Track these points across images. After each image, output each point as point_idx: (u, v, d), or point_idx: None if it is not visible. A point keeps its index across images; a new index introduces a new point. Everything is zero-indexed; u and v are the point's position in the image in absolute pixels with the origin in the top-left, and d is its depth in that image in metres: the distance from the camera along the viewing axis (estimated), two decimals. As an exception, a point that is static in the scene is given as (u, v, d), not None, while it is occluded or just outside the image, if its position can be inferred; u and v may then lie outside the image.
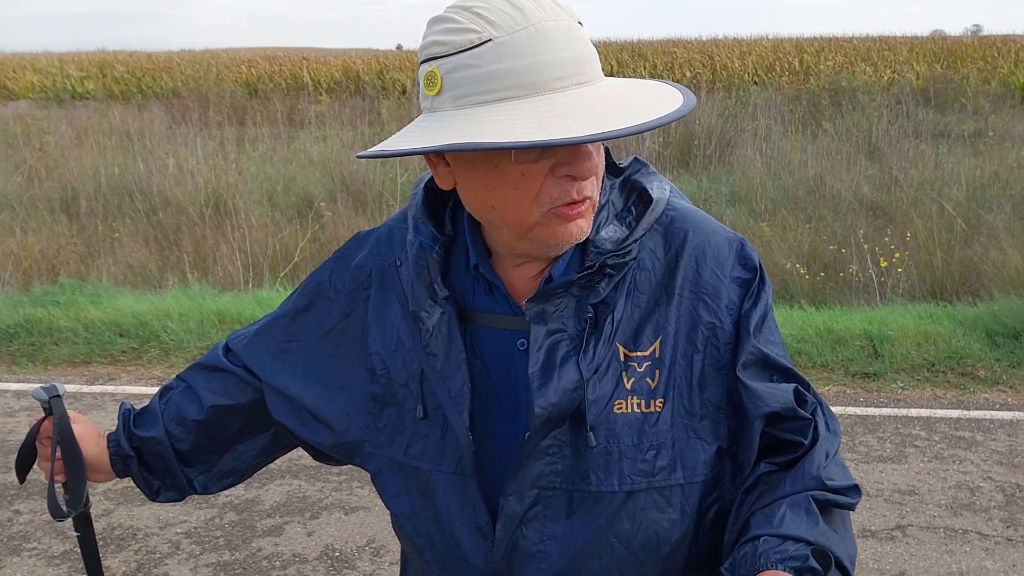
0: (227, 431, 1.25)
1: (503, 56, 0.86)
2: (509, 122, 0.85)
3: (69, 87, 21.32)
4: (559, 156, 0.91)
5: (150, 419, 1.25)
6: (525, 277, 1.03)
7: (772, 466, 1.00)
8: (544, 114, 0.85)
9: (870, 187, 8.34)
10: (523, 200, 0.92)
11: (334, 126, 11.90)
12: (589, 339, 0.97)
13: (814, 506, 0.95)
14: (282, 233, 7.40)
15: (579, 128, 0.83)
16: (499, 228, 0.98)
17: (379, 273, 1.12)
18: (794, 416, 1.00)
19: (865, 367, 5.01)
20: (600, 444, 0.97)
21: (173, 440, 1.24)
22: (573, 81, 0.88)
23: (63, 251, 7.43)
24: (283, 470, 3.97)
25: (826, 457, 0.99)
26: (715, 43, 22.13)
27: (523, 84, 0.86)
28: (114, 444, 1.25)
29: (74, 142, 11.27)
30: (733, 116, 11.06)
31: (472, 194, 0.97)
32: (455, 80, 0.89)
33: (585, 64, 0.89)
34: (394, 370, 1.08)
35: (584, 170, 0.91)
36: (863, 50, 19.76)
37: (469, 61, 0.87)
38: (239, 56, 25.74)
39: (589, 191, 0.94)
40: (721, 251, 1.03)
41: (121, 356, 5.51)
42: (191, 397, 1.24)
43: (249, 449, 1.27)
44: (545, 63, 0.86)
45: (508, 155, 0.90)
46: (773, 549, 0.91)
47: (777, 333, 1.05)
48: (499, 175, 0.92)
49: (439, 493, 1.05)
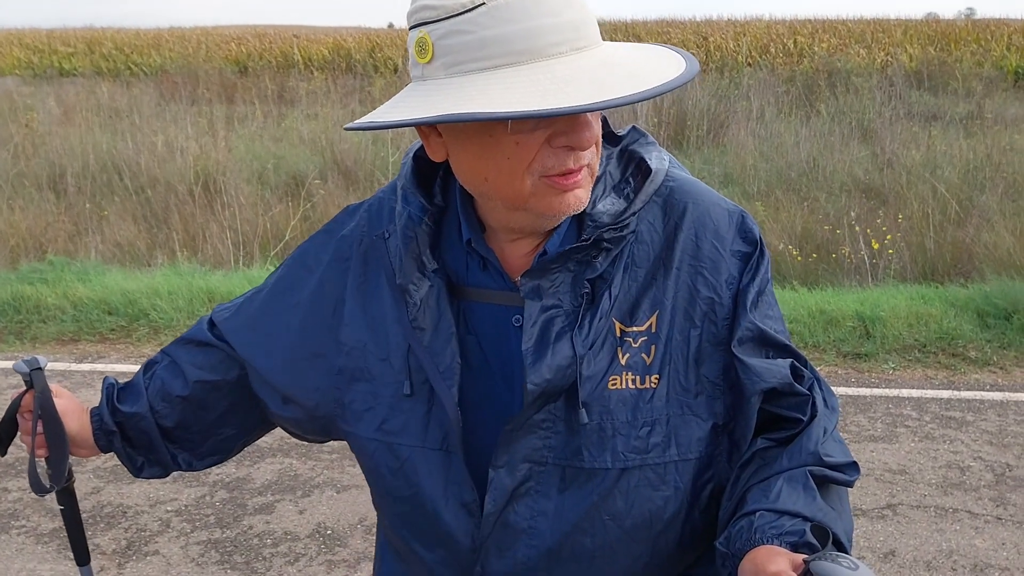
0: (213, 410, 1.21)
1: (497, 20, 0.82)
2: (506, 91, 0.81)
3: (56, 63, 21.09)
4: (557, 126, 0.87)
5: (134, 394, 1.22)
6: (520, 253, 1.00)
7: (769, 442, 0.98)
8: (542, 82, 0.81)
9: (863, 169, 8.33)
10: (516, 169, 0.88)
11: (325, 104, 11.80)
12: (585, 315, 0.95)
13: (811, 481, 0.93)
14: (272, 211, 7.36)
15: (579, 96, 0.80)
16: (493, 200, 0.95)
17: (364, 245, 1.08)
18: (792, 392, 0.98)
19: (857, 348, 5.02)
20: (594, 420, 0.95)
21: (157, 416, 1.20)
22: (571, 46, 0.84)
23: (51, 228, 7.36)
24: (274, 448, 3.95)
25: (824, 433, 0.97)
26: (709, 24, 22.00)
27: (519, 50, 0.83)
28: (97, 419, 1.22)
29: (61, 119, 11.16)
30: (727, 97, 11.02)
31: (465, 166, 0.93)
32: (447, 47, 0.85)
33: (582, 28, 0.86)
34: (372, 343, 1.04)
35: (583, 140, 0.87)
36: (857, 32, 19.70)
37: (462, 26, 0.84)
38: (228, 33, 25.46)
39: (587, 159, 0.91)
40: (721, 224, 1.01)
41: (110, 334, 5.47)
42: (175, 372, 1.21)
43: (235, 429, 1.24)
44: (541, 28, 0.83)
45: (504, 125, 0.86)
46: (769, 524, 0.89)
47: (776, 308, 1.03)
48: (493, 145, 0.88)
49: (422, 470, 1.01)
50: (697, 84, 11.15)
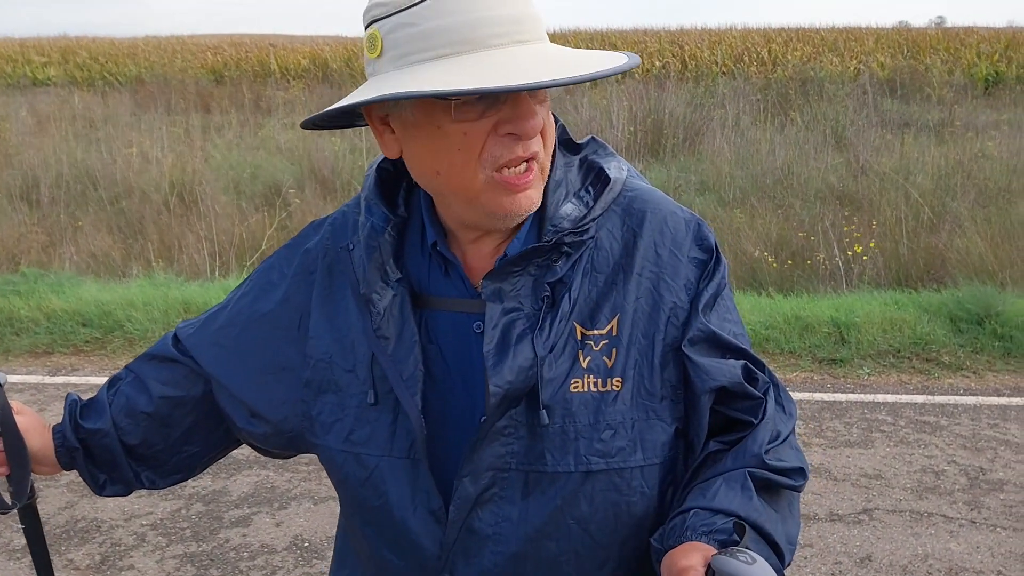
0: (178, 426, 1.19)
1: (440, 13, 0.86)
2: (444, 76, 0.84)
3: (30, 73, 20.88)
4: (501, 113, 0.89)
5: (97, 411, 1.20)
6: (481, 254, 1.01)
7: (720, 444, 0.99)
8: (480, 68, 0.84)
9: (837, 176, 8.42)
10: (467, 161, 0.90)
11: (302, 113, 11.77)
12: (545, 317, 0.96)
13: (750, 482, 0.94)
14: (249, 221, 7.32)
15: (513, 78, 0.82)
16: (447, 197, 0.96)
17: (329, 258, 1.09)
18: (744, 394, 0.99)
19: (832, 353, 5.07)
20: (556, 423, 0.96)
21: (120, 433, 1.18)
22: (512, 39, 0.87)
23: (24, 240, 7.28)
24: (251, 460, 3.93)
25: (777, 438, 0.99)
26: (684, 33, 22.17)
27: (460, 40, 0.86)
28: (59, 436, 1.20)
29: (35, 129, 11.04)
30: (702, 105, 11.10)
31: (417, 160, 0.95)
32: (394, 40, 0.88)
33: (525, 23, 0.89)
34: (338, 355, 1.04)
35: (527, 128, 0.89)
36: (830, 41, 19.92)
37: (407, 19, 0.87)
38: (205, 43, 25.35)
39: (535, 148, 0.92)
40: (679, 231, 1.03)
41: (84, 346, 5.41)
42: (140, 388, 1.19)
43: (200, 447, 1.22)
44: (482, 19, 0.86)
45: (449, 115, 0.88)
46: (701, 521, 0.90)
47: (734, 313, 1.05)
48: (442, 137, 0.90)
49: (389, 479, 1.02)
50: (672, 93, 11.23)
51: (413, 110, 0.91)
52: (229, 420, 1.16)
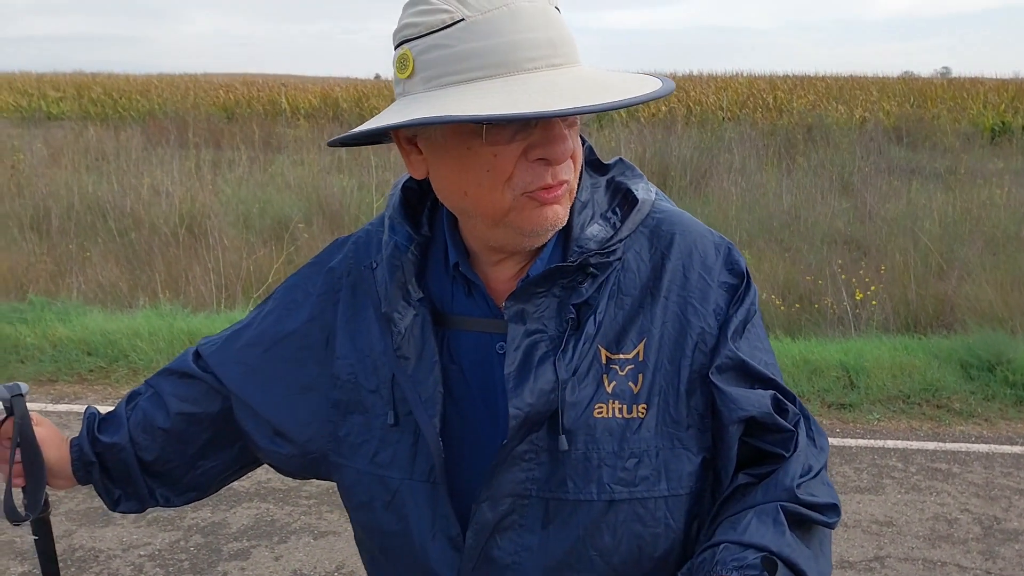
0: (193, 443, 1.18)
1: (475, 36, 0.84)
2: (479, 100, 0.82)
3: (45, 107, 21.14)
4: (532, 138, 0.87)
5: (115, 425, 1.19)
6: (504, 276, 0.99)
7: (749, 477, 0.96)
8: (514, 92, 0.82)
9: (844, 221, 8.43)
10: (495, 183, 0.88)
11: (312, 150, 11.86)
12: (569, 340, 0.94)
13: (782, 516, 0.90)
14: (256, 255, 7.33)
15: (550, 104, 0.80)
16: (473, 217, 0.94)
17: (353, 277, 1.07)
18: (774, 425, 0.96)
19: (841, 398, 5.01)
20: (579, 450, 0.93)
21: (137, 448, 1.17)
22: (547, 62, 0.85)
23: (32, 269, 7.29)
24: (251, 493, 3.87)
25: (809, 472, 0.95)
26: (690, 79, 22.39)
27: (494, 64, 0.84)
28: (76, 449, 1.19)
29: (48, 161, 11.15)
30: (708, 149, 11.17)
31: (445, 180, 0.93)
32: (426, 61, 0.87)
33: (559, 46, 0.87)
34: (362, 375, 1.03)
35: (557, 153, 0.87)
36: (835, 89, 20.12)
37: (441, 41, 0.85)
38: (217, 81, 25.69)
39: (565, 175, 0.90)
40: (708, 255, 1.00)
41: (88, 375, 5.39)
42: (158, 403, 1.18)
43: (215, 464, 1.20)
44: (517, 43, 0.84)
45: (480, 136, 0.87)
46: (732, 556, 0.87)
47: (765, 341, 1.01)
48: (471, 157, 0.88)
49: (410, 503, 0.99)
50: (679, 136, 11.31)
51: (443, 132, 0.90)
52: (250, 439, 1.14)
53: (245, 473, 1.25)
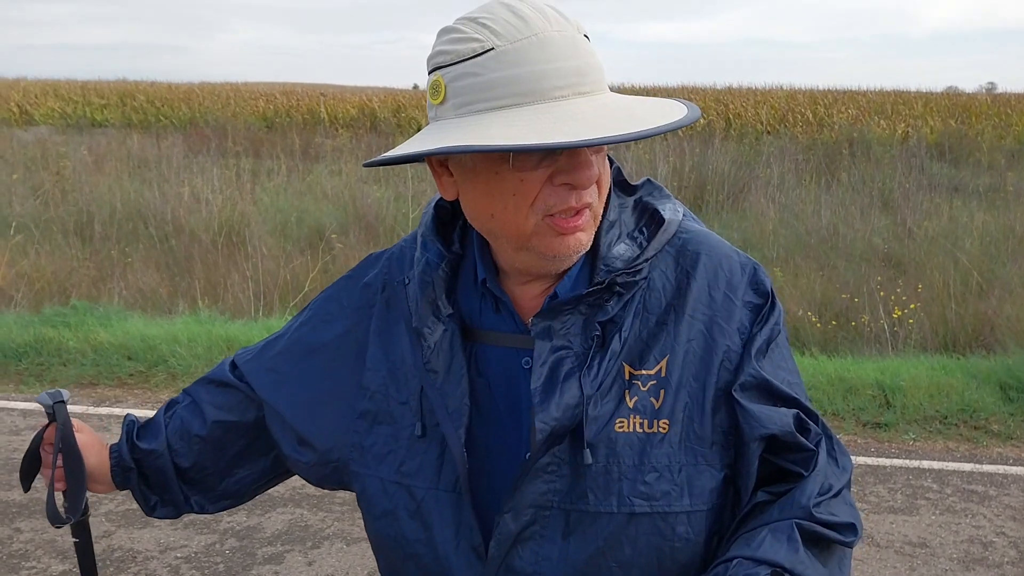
0: (229, 451, 1.22)
1: (505, 64, 0.87)
2: (507, 128, 0.85)
3: (89, 114, 21.59)
4: (558, 164, 0.90)
5: (153, 431, 1.24)
6: (531, 295, 1.01)
7: (768, 495, 0.97)
8: (542, 121, 0.85)
9: (883, 238, 8.33)
10: (520, 207, 0.91)
11: (349, 160, 11.99)
12: (594, 357, 0.96)
13: (797, 533, 0.92)
14: (293, 263, 7.43)
15: (575, 134, 0.83)
16: (499, 239, 0.97)
17: (387, 292, 1.11)
18: (795, 444, 0.97)
19: (876, 417, 4.96)
20: (599, 462, 0.95)
21: (174, 455, 1.22)
22: (574, 91, 0.88)
23: (75, 274, 7.46)
24: (286, 498, 3.93)
25: (828, 491, 0.96)
26: (729, 92, 22.28)
27: (523, 92, 0.87)
28: (116, 455, 1.23)
29: (92, 168, 11.39)
30: (747, 163, 11.11)
31: (473, 203, 0.96)
32: (458, 88, 0.90)
33: (587, 75, 0.89)
34: (392, 387, 1.06)
35: (583, 179, 0.90)
36: (877, 103, 19.89)
37: (472, 69, 0.88)
38: (257, 90, 26.05)
39: (589, 199, 0.93)
40: (734, 274, 1.02)
41: (128, 379, 5.50)
42: (195, 411, 1.23)
43: (249, 472, 1.24)
44: (546, 72, 0.87)
45: (508, 162, 0.89)
46: (744, 571, 0.88)
47: (790, 361, 1.03)
48: (498, 182, 0.91)
49: (434, 513, 1.02)
50: (717, 150, 11.26)
51: (472, 157, 0.92)
52: (278, 447, 1.17)
53: (278, 483, 1.29)
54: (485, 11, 0.91)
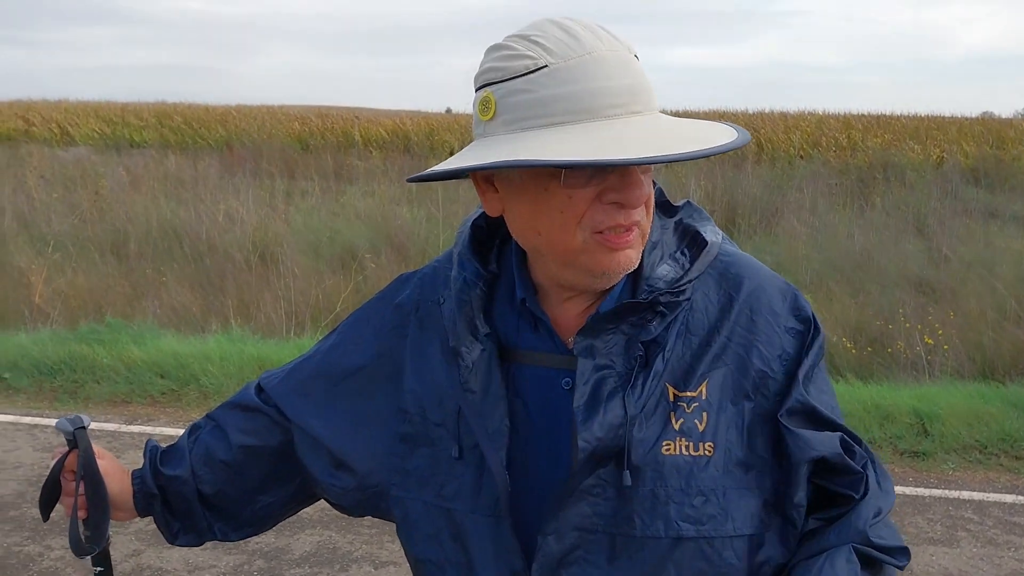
0: (253, 477, 1.20)
1: (558, 82, 0.87)
2: (559, 144, 0.85)
3: (128, 135, 21.96)
4: (608, 182, 0.90)
5: (177, 457, 1.22)
6: (572, 313, 1.01)
7: (819, 522, 0.97)
8: (595, 138, 0.85)
9: (918, 263, 8.22)
10: (567, 223, 0.91)
11: (382, 182, 12.08)
12: (638, 376, 0.95)
13: (855, 556, 0.92)
14: (325, 283, 7.47)
15: (629, 152, 0.83)
16: (544, 255, 0.96)
17: (421, 312, 1.10)
18: (844, 466, 0.97)
19: (914, 445, 4.86)
20: (646, 486, 0.94)
21: (198, 481, 1.20)
22: (626, 110, 0.88)
23: (111, 291, 7.55)
24: (314, 520, 3.92)
25: (877, 514, 0.97)
26: (760, 116, 22.17)
27: (576, 109, 0.87)
28: (139, 481, 1.21)
29: (129, 187, 11.57)
30: (779, 187, 11.03)
31: (519, 219, 0.96)
32: (509, 105, 0.90)
33: (639, 94, 0.89)
34: (430, 409, 1.05)
35: (633, 198, 0.90)
36: (911, 128, 19.69)
37: (524, 86, 0.88)
38: (292, 112, 26.37)
39: (638, 217, 0.93)
40: (775, 300, 1.01)
41: (160, 397, 5.54)
42: (220, 436, 1.21)
43: (273, 499, 1.22)
44: (599, 90, 0.87)
45: (558, 178, 0.89)
46: None
47: (828, 385, 1.03)
48: (546, 199, 0.91)
49: (473, 537, 1.01)
50: (749, 174, 11.20)
51: (521, 173, 0.92)
52: (308, 473, 1.16)
53: (301, 509, 1.27)
54: (536, 29, 0.91)
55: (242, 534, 1.25)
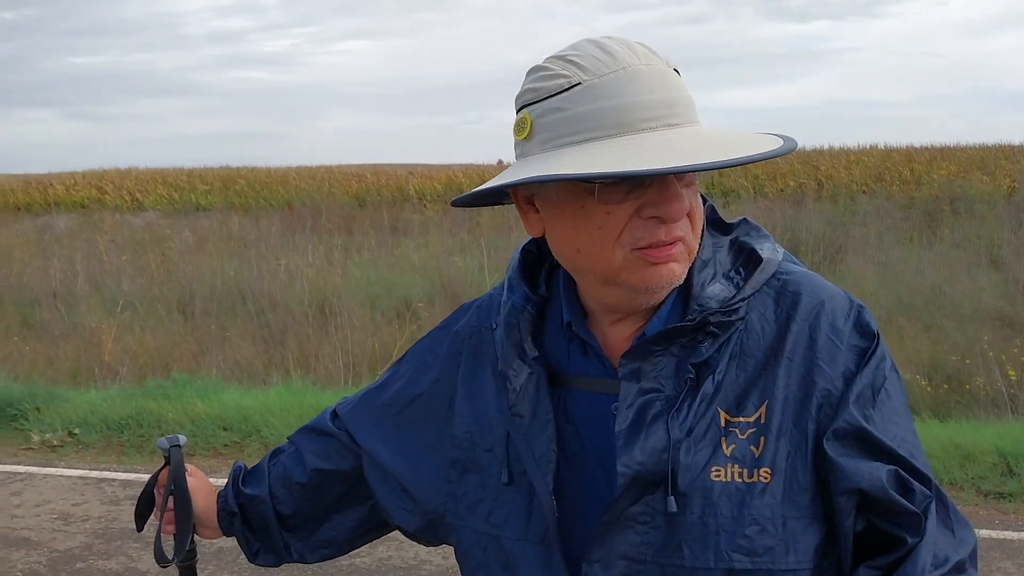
0: (327, 498, 1.23)
1: (592, 98, 0.86)
2: (590, 159, 0.84)
3: (194, 200, 22.68)
4: (646, 197, 0.87)
5: (257, 478, 1.27)
6: (621, 336, 0.97)
7: (872, 571, 0.88)
8: (628, 152, 0.83)
9: (994, 296, 7.92)
10: (606, 240, 0.89)
11: (436, 233, 12.21)
12: (684, 400, 0.90)
13: None
14: (382, 333, 7.52)
15: (659, 162, 0.81)
16: (587, 275, 0.95)
17: (475, 339, 1.10)
18: (890, 502, 0.88)
19: (999, 486, 4.61)
20: (694, 513, 0.89)
21: (276, 501, 1.23)
22: (662, 123, 0.86)
23: (177, 348, 7.72)
24: (372, 570, 3.85)
25: (945, 563, 0.86)
26: (819, 153, 21.86)
27: (610, 124, 0.85)
28: (222, 500, 1.26)
29: (194, 248, 11.91)
30: (841, 224, 10.81)
31: (559, 238, 0.95)
32: (544, 124, 0.89)
33: (677, 107, 0.87)
34: (479, 434, 1.05)
35: (672, 212, 0.87)
36: (977, 159, 19.19)
37: (559, 104, 0.88)
38: (350, 171, 26.98)
39: (680, 232, 0.89)
40: (838, 316, 0.95)
41: (223, 449, 5.58)
42: (297, 459, 1.25)
43: (347, 520, 1.24)
44: (633, 104, 0.85)
45: (593, 195, 0.88)
46: None
47: (904, 417, 0.94)
48: (584, 216, 0.89)
49: (523, 565, 0.98)
50: (811, 211, 11.02)
51: (558, 191, 0.91)
52: (376, 498, 1.17)
53: (376, 536, 1.28)
54: (573, 48, 0.91)
55: (318, 555, 1.27)
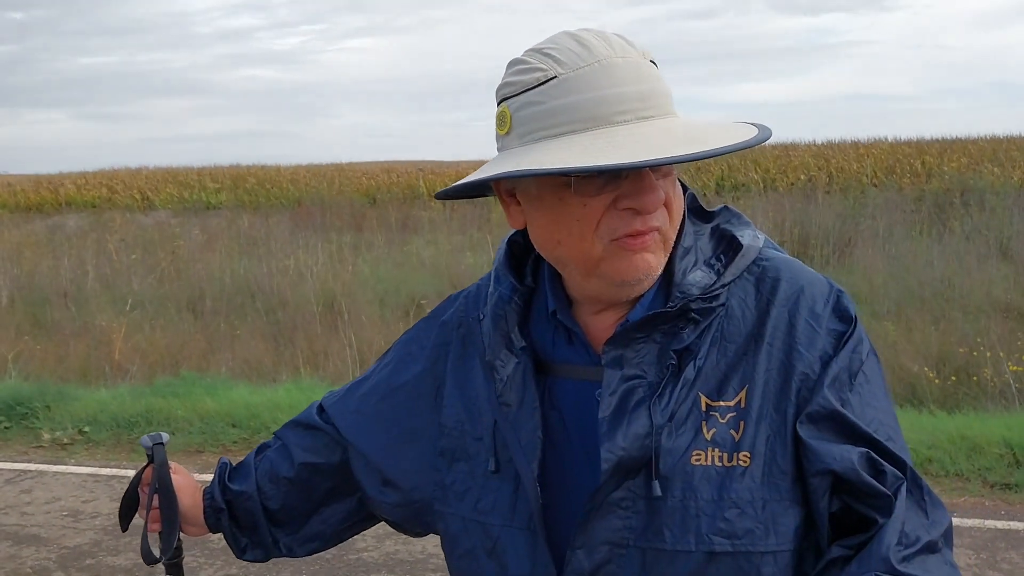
0: (315, 492, 1.23)
1: (566, 91, 0.87)
2: (562, 153, 0.85)
3: (204, 198, 22.77)
4: (622, 189, 0.89)
5: (243, 474, 1.26)
6: (605, 324, 0.99)
7: (843, 549, 0.89)
8: (600, 145, 0.84)
9: (1003, 288, 7.87)
10: (585, 232, 0.90)
11: (445, 231, 12.23)
12: (666, 386, 0.92)
13: None
14: (390, 330, 7.54)
15: (630, 156, 0.82)
16: (568, 266, 0.96)
17: (463, 329, 1.11)
18: (861, 483, 0.88)
19: (1005, 477, 4.59)
20: (675, 496, 0.91)
21: (263, 496, 1.23)
22: (636, 115, 0.87)
23: (186, 346, 7.76)
24: (379, 564, 3.88)
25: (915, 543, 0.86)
26: (831, 146, 21.77)
27: (584, 118, 0.86)
28: (208, 496, 1.26)
29: (204, 246, 11.98)
30: (852, 217, 10.77)
31: (539, 230, 0.96)
32: (522, 117, 0.91)
33: (650, 99, 0.88)
34: (468, 423, 1.06)
35: (647, 203, 0.88)
36: (988, 151, 19.06)
37: (535, 98, 0.89)
38: (360, 169, 27.03)
39: (657, 222, 0.90)
40: (817, 301, 0.96)
41: (232, 446, 5.62)
42: (284, 454, 1.25)
43: (335, 513, 1.25)
44: (606, 97, 0.86)
45: (570, 188, 0.89)
46: None
47: (882, 400, 0.94)
48: (563, 208, 0.91)
49: (510, 551, 0.99)
50: (821, 204, 10.98)
51: (537, 184, 0.92)
52: (362, 489, 1.18)
53: (365, 527, 1.29)
54: (551, 41, 0.92)
55: (306, 549, 1.27)
